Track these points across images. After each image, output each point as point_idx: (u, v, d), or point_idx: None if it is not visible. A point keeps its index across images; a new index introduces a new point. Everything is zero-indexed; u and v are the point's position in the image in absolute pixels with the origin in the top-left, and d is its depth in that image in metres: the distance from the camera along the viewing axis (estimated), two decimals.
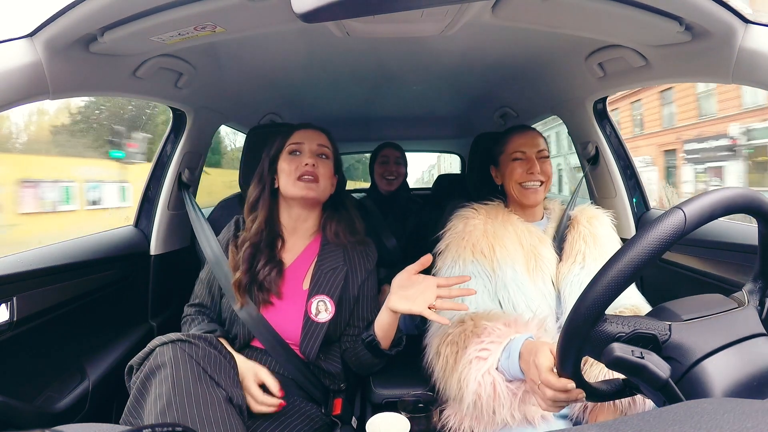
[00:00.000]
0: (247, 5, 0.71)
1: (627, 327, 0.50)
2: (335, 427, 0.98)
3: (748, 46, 0.74)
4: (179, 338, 0.78)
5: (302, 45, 1.12)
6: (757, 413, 0.29)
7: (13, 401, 0.82)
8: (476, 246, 1.02)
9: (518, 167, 1.05)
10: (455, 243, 1.04)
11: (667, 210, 0.48)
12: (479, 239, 1.02)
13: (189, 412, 0.70)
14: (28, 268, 0.91)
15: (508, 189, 1.08)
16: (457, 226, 1.07)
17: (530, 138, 1.07)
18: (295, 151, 1.02)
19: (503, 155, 1.10)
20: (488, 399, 0.78)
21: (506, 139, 1.10)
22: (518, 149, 1.06)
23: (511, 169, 1.06)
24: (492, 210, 1.09)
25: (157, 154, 1.40)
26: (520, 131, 1.10)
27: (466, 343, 0.86)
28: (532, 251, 1.01)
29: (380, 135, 2.19)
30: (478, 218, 1.06)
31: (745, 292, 0.57)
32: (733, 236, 1.01)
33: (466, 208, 1.11)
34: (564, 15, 0.81)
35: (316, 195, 1.00)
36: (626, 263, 0.46)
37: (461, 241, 1.03)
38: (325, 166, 1.03)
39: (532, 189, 1.03)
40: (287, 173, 1.00)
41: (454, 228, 1.08)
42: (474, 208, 1.10)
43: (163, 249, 1.37)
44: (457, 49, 1.17)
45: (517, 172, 1.05)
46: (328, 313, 0.97)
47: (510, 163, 1.06)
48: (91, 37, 0.76)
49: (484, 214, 1.07)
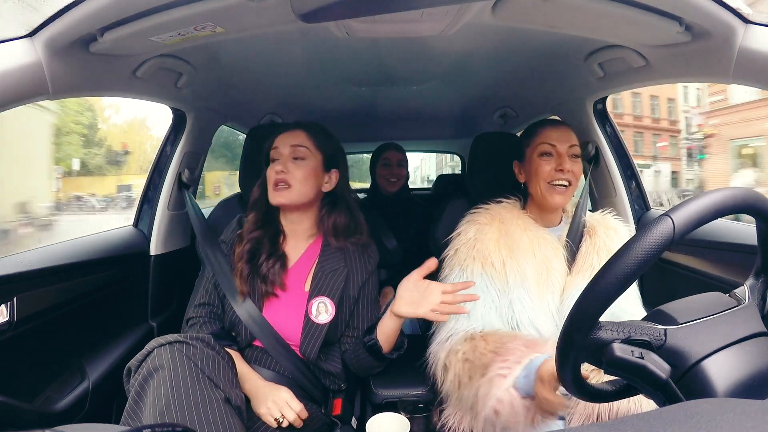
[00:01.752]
0: (247, 5, 0.71)
1: (621, 333, 0.50)
2: (335, 427, 0.98)
3: (748, 46, 0.74)
4: (177, 340, 0.78)
5: (302, 45, 1.12)
6: (757, 413, 0.29)
7: (13, 401, 0.82)
8: (487, 258, 0.95)
9: (546, 163, 0.96)
10: (465, 251, 0.98)
11: (656, 217, 0.47)
12: (491, 251, 0.96)
13: (188, 413, 0.70)
14: (28, 268, 0.91)
15: (532, 188, 1.00)
16: (468, 231, 1.00)
17: (563, 132, 0.98)
18: (274, 159, 1.02)
19: (530, 149, 1.01)
20: (506, 415, 0.78)
21: (535, 131, 1.01)
22: (548, 142, 0.97)
23: (537, 165, 0.97)
24: (507, 212, 1.02)
25: (157, 154, 1.40)
26: (552, 124, 1.02)
27: (483, 360, 0.83)
28: (544, 263, 0.96)
29: (380, 135, 2.19)
30: (492, 225, 0.99)
31: (746, 287, 0.56)
32: (733, 236, 1.01)
33: (479, 210, 1.04)
34: (564, 15, 0.81)
35: (288, 201, 0.99)
36: (615, 274, 0.46)
37: (471, 251, 0.97)
38: (300, 167, 0.99)
39: (560, 189, 0.96)
40: (268, 181, 1.01)
41: (464, 233, 1.01)
42: (487, 209, 1.03)
43: (163, 249, 1.37)
44: (457, 49, 1.17)
45: (545, 169, 0.96)
46: (328, 315, 0.97)
47: (537, 159, 0.98)
48: (91, 37, 0.76)
49: (498, 218, 1.00)
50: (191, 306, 1.08)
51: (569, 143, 0.97)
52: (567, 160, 0.96)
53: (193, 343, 0.78)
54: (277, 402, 0.88)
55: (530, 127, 1.05)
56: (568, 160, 0.96)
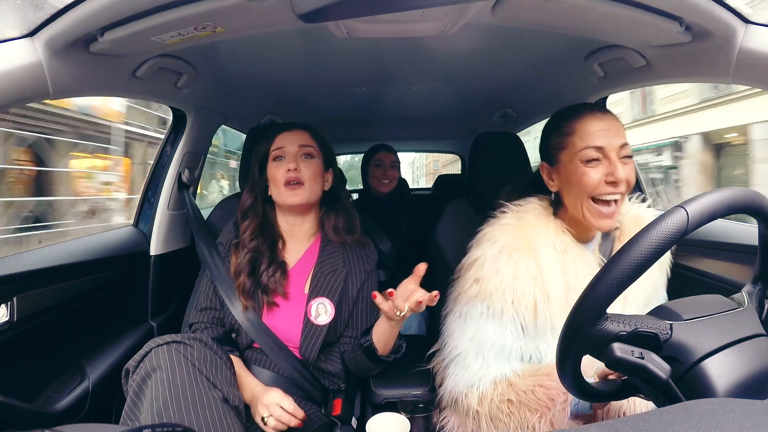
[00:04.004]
0: (247, 5, 0.71)
1: (628, 326, 0.50)
2: (335, 428, 0.98)
3: (748, 46, 0.74)
4: (174, 340, 0.78)
5: (302, 45, 1.12)
6: (757, 413, 0.29)
7: (13, 401, 0.82)
8: (520, 302, 0.77)
9: (593, 172, 0.73)
10: (494, 287, 0.79)
11: (669, 209, 0.48)
12: (525, 290, 0.77)
13: (185, 413, 0.70)
14: (28, 268, 0.91)
15: (570, 202, 0.79)
16: (498, 259, 0.79)
17: (611, 125, 0.75)
18: (278, 157, 1.01)
19: (566, 151, 0.77)
20: None
21: (572, 125, 0.77)
22: (594, 143, 0.73)
23: (581, 174, 0.74)
24: (537, 222, 0.81)
25: (158, 154, 1.40)
26: (593, 113, 0.77)
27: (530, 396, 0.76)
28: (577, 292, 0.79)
29: (380, 135, 2.19)
30: (527, 251, 0.78)
31: (744, 293, 0.57)
32: (733, 236, 1.00)
33: (502, 223, 0.82)
34: (564, 15, 0.81)
35: (303, 200, 0.99)
36: (628, 262, 0.46)
37: (503, 288, 0.78)
38: (310, 166, 1.00)
39: (608, 211, 0.74)
40: (274, 181, 1.00)
41: (492, 261, 0.79)
42: (511, 222, 0.82)
43: (163, 249, 1.37)
44: (457, 49, 1.17)
45: (591, 181, 0.73)
46: (328, 316, 0.97)
47: (579, 166, 0.75)
48: (91, 37, 0.76)
49: (530, 236, 0.79)
50: (193, 309, 1.08)
51: (620, 140, 0.74)
52: (619, 166, 0.73)
53: (191, 344, 0.78)
54: (266, 403, 0.85)
55: (561, 117, 0.81)
56: (621, 165, 0.73)
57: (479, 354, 0.82)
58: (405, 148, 3.38)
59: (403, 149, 3.42)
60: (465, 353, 0.84)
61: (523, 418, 0.77)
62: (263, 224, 1.03)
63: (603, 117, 0.77)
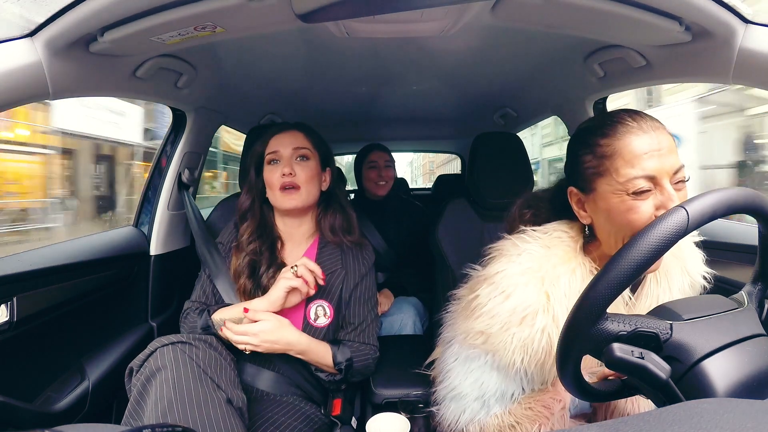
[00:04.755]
0: (247, 5, 0.71)
1: (628, 325, 0.50)
2: (335, 428, 0.98)
3: (748, 46, 0.74)
4: (180, 340, 0.78)
5: (302, 45, 1.12)
6: (757, 413, 0.29)
7: (13, 401, 0.82)
8: (532, 359, 0.67)
9: (644, 205, 0.59)
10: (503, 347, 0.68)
11: (669, 209, 0.48)
12: (538, 350, 0.67)
13: (190, 414, 0.70)
14: (28, 268, 0.91)
15: (606, 238, 0.66)
16: (511, 319, 0.67)
17: (662, 143, 0.60)
18: (273, 161, 1.00)
19: (606, 179, 0.62)
20: None
21: (614, 144, 0.61)
22: (646, 172, 0.58)
23: (627, 210, 0.60)
24: (565, 259, 0.67)
25: (157, 154, 1.40)
26: (639, 126, 0.61)
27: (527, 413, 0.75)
28: None
29: (380, 135, 2.19)
30: (546, 307, 0.66)
31: (744, 293, 0.57)
32: (733, 236, 1.00)
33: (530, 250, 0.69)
34: (564, 15, 0.81)
35: (299, 204, 0.98)
36: (628, 262, 0.46)
37: (512, 347, 0.68)
38: (306, 168, 0.99)
39: None
40: (270, 186, 1.00)
41: (505, 318, 0.67)
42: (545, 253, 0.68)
43: (163, 249, 1.37)
44: (457, 49, 1.17)
45: (641, 217, 0.59)
46: (326, 318, 0.98)
47: (627, 199, 0.60)
48: (91, 37, 0.76)
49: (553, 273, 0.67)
50: (188, 300, 1.08)
51: (675, 163, 0.59)
52: (674, 196, 0.58)
53: (196, 344, 0.78)
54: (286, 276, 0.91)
55: (597, 132, 0.64)
56: (675, 194, 0.58)
57: (479, 398, 0.79)
58: (405, 148, 3.38)
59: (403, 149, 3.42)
60: (465, 395, 0.80)
61: (524, 430, 0.76)
62: (261, 226, 1.03)
63: (652, 132, 0.60)
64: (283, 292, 0.91)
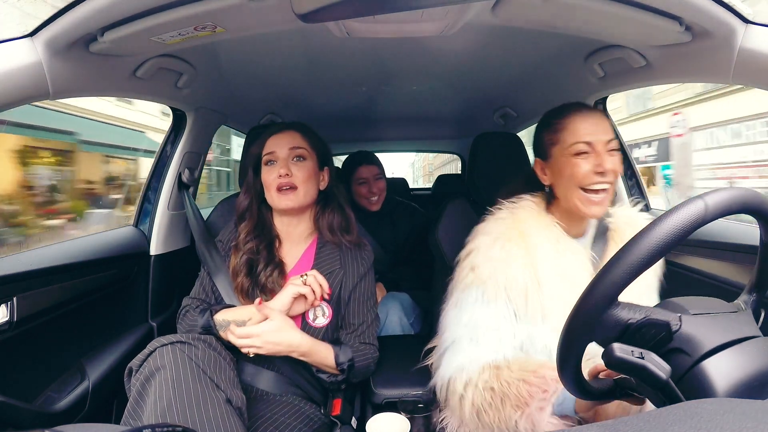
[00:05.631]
0: (247, 5, 0.71)
1: (639, 314, 0.49)
2: (335, 428, 0.98)
3: (748, 46, 0.74)
4: (179, 340, 0.78)
5: (302, 45, 1.12)
6: (757, 413, 0.29)
7: (13, 401, 0.82)
8: (512, 287, 0.83)
9: (583, 164, 0.80)
10: (488, 274, 0.84)
11: (686, 200, 0.48)
12: (518, 277, 0.83)
13: (189, 413, 0.70)
14: (28, 268, 0.91)
15: (562, 193, 0.85)
16: (492, 248, 0.85)
17: (597, 122, 0.82)
18: (270, 162, 1.00)
19: (557, 147, 0.84)
20: None
21: (563, 123, 0.84)
22: (582, 138, 0.81)
23: (572, 167, 0.81)
24: (529, 216, 0.87)
25: (158, 154, 1.40)
26: (581, 112, 0.84)
27: (512, 390, 0.77)
28: (572, 289, 0.81)
29: (380, 135, 2.19)
30: (519, 243, 0.84)
31: (740, 302, 0.57)
32: (733, 236, 1.00)
33: (496, 217, 0.90)
34: (564, 15, 0.81)
35: (296, 204, 0.99)
36: (647, 245, 0.45)
37: (496, 274, 0.84)
38: (302, 169, 0.99)
39: (598, 199, 0.81)
40: (267, 186, 1.00)
41: (486, 249, 0.86)
42: (505, 216, 0.89)
43: (163, 249, 1.37)
44: (457, 49, 1.17)
45: (580, 171, 0.80)
46: (325, 318, 0.98)
47: (570, 159, 0.82)
48: (91, 37, 0.76)
49: (520, 229, 0.86)
50: (186, 297, 1.08)
51: (607, 136, 0.81)
52: (607, 158, 0.80)
53: (195, 344, 0.78)
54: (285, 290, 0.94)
55: (552, 116, 0.88)
56: (608, 157, 0.80)
57: (473, 339, 0.85)
58: (405, 149, 3.38)
59: (403, 149, 3.42)
60: (459, 339, 0.87)
61: (504, 414, 0.78)
62: (259, 225, 1.03)
63: (591, 115, 0.84)
64: (290, 297, 0.92)
